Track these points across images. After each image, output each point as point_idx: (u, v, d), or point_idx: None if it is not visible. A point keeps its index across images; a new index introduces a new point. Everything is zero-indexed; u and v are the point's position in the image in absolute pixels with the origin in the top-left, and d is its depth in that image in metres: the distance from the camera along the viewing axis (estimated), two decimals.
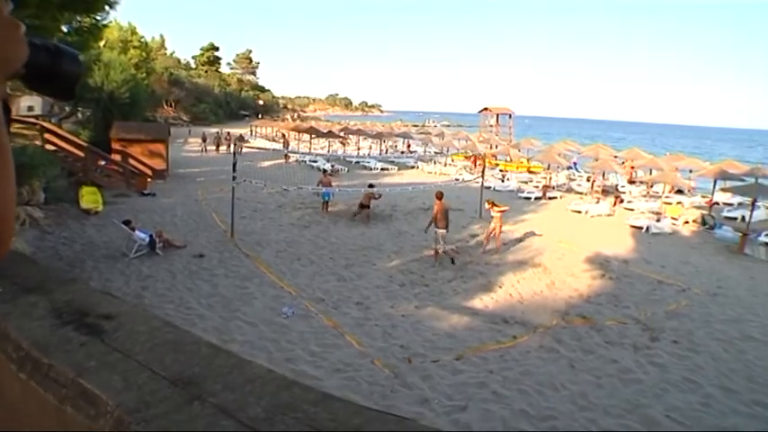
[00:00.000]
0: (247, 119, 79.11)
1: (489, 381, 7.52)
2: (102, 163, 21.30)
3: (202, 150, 38.13)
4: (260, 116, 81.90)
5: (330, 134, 42.84)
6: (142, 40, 51.83)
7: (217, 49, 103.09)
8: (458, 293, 11.33)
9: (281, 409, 1.17)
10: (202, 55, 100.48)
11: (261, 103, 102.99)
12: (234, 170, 14.47)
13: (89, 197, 16.65)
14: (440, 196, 13.61)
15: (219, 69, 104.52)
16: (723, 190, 24.55)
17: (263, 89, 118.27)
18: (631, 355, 8.77)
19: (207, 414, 1.05)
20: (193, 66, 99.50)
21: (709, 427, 6.67)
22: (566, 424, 6.54)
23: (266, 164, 31.72)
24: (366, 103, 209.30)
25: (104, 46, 32.47)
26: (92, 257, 11.89)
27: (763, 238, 18.09)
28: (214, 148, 38.51)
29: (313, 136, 42.53)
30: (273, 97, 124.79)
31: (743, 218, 20.98)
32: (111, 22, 20.50)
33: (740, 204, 24.20)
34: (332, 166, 30.18)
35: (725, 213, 23.45)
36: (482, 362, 8.14)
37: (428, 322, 9.62)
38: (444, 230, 13.23)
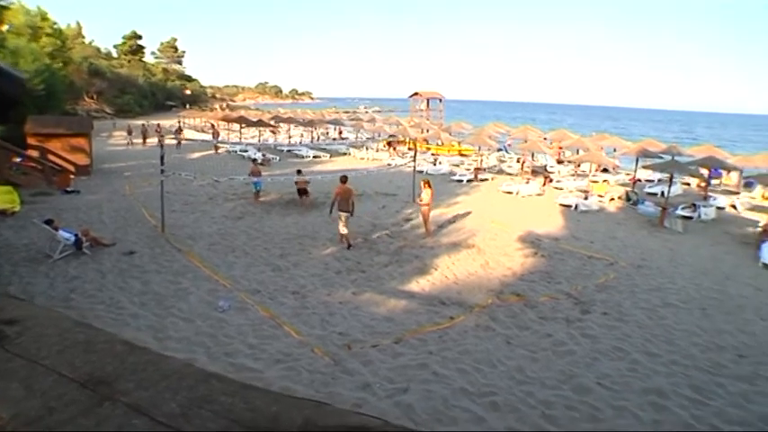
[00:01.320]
0: (175, 109, 76.75)
1: (429, 362, 7.75)
2: (18, 160, 20.27)
3: (128, 144, 37.17)
4: (188, 106, 79.30)
5: (260, 123, 42.09)
6: (55, 27, 49.23)
7: (140, 37, 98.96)
8: (394, 278, 11.54)
9: (197, 403, 1.20)
10: (124, 44, 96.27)
11: (188, 92, 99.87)
12: (162, 163, 14.00)
13: (3, 197, 15.62)
14: (343, 180, 13.81)
15: (143, 59, 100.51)
16: (644, 167, 26.18)
17: (189, 78, 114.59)
18: (564, 328, 9.30)
19: (118, 414, 1.06)
20: (115, 55, 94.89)
21: (636, 391, 7.19)
22: (505, 398, 6.85)
23: (196, 155, 31.03)
24: (296, 91, 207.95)
25: (9, 32, 30.34)
26: (9, 261, 11.19)
27: (679, 212, 19.60)
28: (141, 140, 37.26)
29: (243, 125, 41.79)
30: (201, 87, 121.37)
31: (662, 193, 22.48)
32: (12, 3, 19.16)
33: (660, 180, 25.94)
34: (263, 155, 30.01)
35: (647, 189, 25.06)
36: (421, 344, 8.37)
37: (366, 308, 9.77)
38: (346, 214, 13.45)
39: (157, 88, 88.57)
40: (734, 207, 22.59)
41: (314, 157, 33.07)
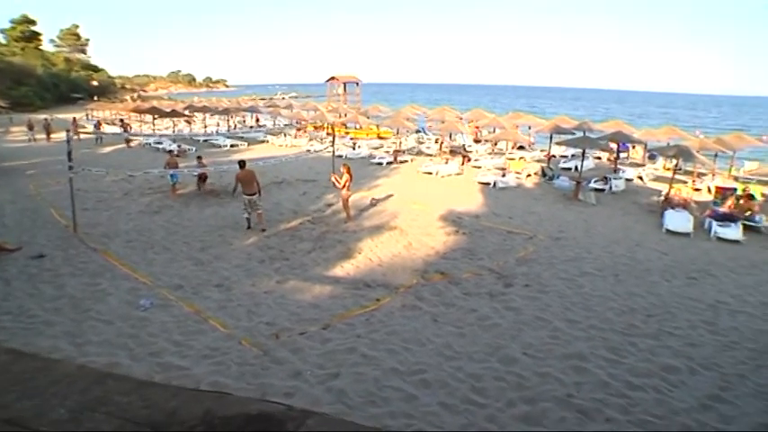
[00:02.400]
0: (81, 102, 71.67)
1: (358, 345, 7.88)
2: None
3: (30, 140, 34.65)
4: (95, 98, 74.37)
5: (174, 113, 40.45)
6: None
7: (33, 22, 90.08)
8: (318, 264, 11.57)
9: (90, 406, 1.19)
10: (14, 29, 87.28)
11: (95, 84, 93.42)
12: (70, 159, 13.14)
13: None
14: (242, 165, 14.08)
15: (41, 47, 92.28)
16: (558, 143, 27.51)
17: (96, 69, 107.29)
18: (488, 302, 9.71)
19: None
20: (4, 42, 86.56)
21: (558, 357, 7.67)
22: (435, 375, 7.09)
23: (107, 149, 29.60)
24: (210, 79, 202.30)
25: None
26: None
27: (592, 185, 20.84)
28: (45, 136, 34.79)
29: (156, 116, 40.00)
30: (109, 77, 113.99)
31: (576, 168, 23.77)
32: None
33: (573, 156, 27.39)
34: (178, 146, 29.09)
35: (561, 165, 26.45)
36: (349, 328, 8.49)
37: (292, 296, 9.77)
38: (251, 197, 13.65)
39: (60, 79, 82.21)
40: (640, 178, 24.29)
41: (231, 146, 32.40)
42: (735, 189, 18.84)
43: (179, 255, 11.98)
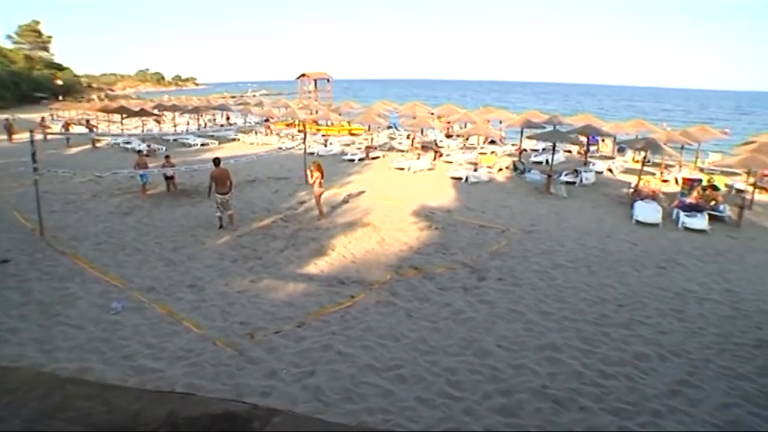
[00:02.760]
0: (45, 102, 69.30)
1: (333, 342, 7.90)
2: None
3: None
4: (60, 98, 72.22)
5: (143, 112, 39.64)
6: None
7: None
8: (292, 262, 11.54)
9: (49, 412, 1.16)
10: None
11: (59, 83, 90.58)
12: (34, 160, 12.76)
13: None
14: (216, 163, 13.91)
15: None
16: (528, 138, 27.83)
17: (60, 67, 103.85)
18: (462, 296, 9.81)
19: None
20: None
21: (532, 349, 7.79)
22: (410, 370, 7.15)
23: (74, 150, 28.86)
24: (180, 77, 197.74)
25: None
26: None
27: (563, 178, 21.17)
28: (7, 137, 33.78)
29: (124, 116, 39.20)
30: (75, 76, 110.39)
31: (547, 161, 24.09)
32: None
33: (544, 150, 27.77)
34: (148, 146, 28.63)
35: (532, 159, 26.78)
36: (324, 325, 8.50)
37: (265, 294, 9.74)
38: (223, 196, 13.55)
39: (21, 78, 79.31)
40: (610, 171, 24.73)
41: (202, 144, 31.94)
42: (700, 180, 19.29)
43: (151, 256, 11.81)
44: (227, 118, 47.99)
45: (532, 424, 6.03)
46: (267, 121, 36.94)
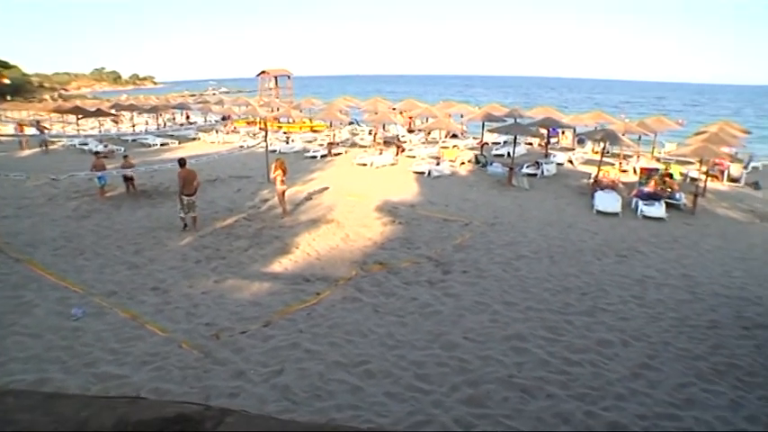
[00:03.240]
0: None
1: (300, 340, 7.89)
2: None
3: None
4: (8, 98, 69.28)
5: (100, 112, 38.38)
6: None
7: None
8: (256, 261, 11.45)
9: None
10: None
11: (6, 82, 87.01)
12: None
13: None
14: (182, 163, 13.65)
15: None
16: (490, 131, 28.13)
17: (6, 65, 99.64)
18: (428, 290, 9.91)
19: None
20: None
21: (498, 339, 7.92)
22: (378, 365, 7.20)
23: (26, 153, 27.80)
24: (137, 76, 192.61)
25: None
26: None
27: (525, 170, 21.52)
28: None
29: (80, 116, 37.88)
30: (24, 75, 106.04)
31: (508, 154, 24.42)
32: None
33: (505, 143, 28.13)
34: (104, 146, 27.84)
35: (494, 152, 27.12)
36: (290, 323, 8.47)
37: (230, 295, 9.66)
38: (190, 197, 13.37)
39: None
40: (571, 162, 25.25)
41: (162, 144, 31.24)
42: (657, 169, 19.87)
43: (112, 260, 11.53)
44: (187, 117, 47.10)
45: (501, 413, 6.14)
46: (225, 119, 36.41)
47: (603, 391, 6.61)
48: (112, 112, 42.03)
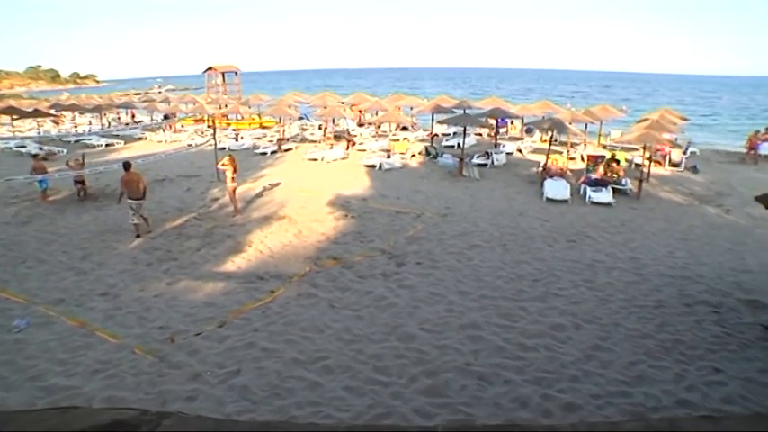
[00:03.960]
0: None
1: (256, 339, 7.83)
2: None
3: None
4: None
5: (38, 113, 36.55)
6: None
7: None
8: (208, 261, 11.29)
9: None
10: None
11: None
12: None
13: None
14: (127, 167, 12.96)
15: None
16: (439, 122, 28.44)
17: None
18: (383, 283, 9.97)
19: None
20: None
21: (455, 329, 8.05)
22: (336, 360, 7.21)
23: None
24: (78, 74, 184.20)
25: None
26: None
27: (475, 161, 21.86)
28: None
29: (15, 117, 35.99)
30: None
31: (458, 145, 24.71)
32: None
33: (455, 134, 28.48)
34: (40, 148, 26.66)
35: (444, 143, 27.46)
36: (246, 323, 8.39)
37: (184, 296, 9.50)
38: (136, 202, 12.80)
39: None
40: (520, 151, 25.83)
41: (107, 145, 30.11)
42: (604, 156, 20.50)
43: (57, 266, 11.10)
44: (133, 116, 45.71)
45: (459, 401, 6.25)
46: (167, 118, 35.44)
47: (558, 374, 6.81)
48: (52, 112, 40.34)
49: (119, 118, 45.62)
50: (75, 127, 39.80)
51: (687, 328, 8.21)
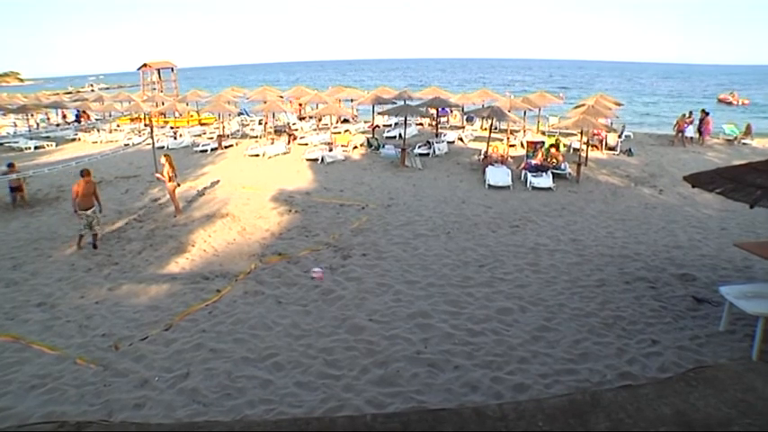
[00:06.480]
0: None
1: (204, 340, 7.69)
2: None
3: None
4: None
5: None
6: None
7: None
8: (151, 263, 10.99)
9: None
10: None
11: None
12: None
13: None
14: (84, 174, 11.98)
15: None
16: (380, 114, 28.49)
17: None
18: (329, 276, 9.97)
19: None
20: None
21: (403, 318, 8.12)
22: (286, 356, 7.16)
23: None
24: None
25: None
26: None
27: (417, 151, 22.06)
28: None
29: None
30: None
31: (400, 135, 24.88)
32: None
33: (396, 124, 28.63)
34: None
35: (386, 134, 27.59)
36: (192, 324, 8.23)
37: (127, 301, 9.23)
38: (87, 212, 11.90)
39: None
40: (461, 140, 26.21)
41: (36, 147, 28.53)
42: (543, 142, 21.05)
43: None
44: (64, 116, 43.60)
45: (411, 390, 6.31)
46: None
47: (507, 357, 6.97)
48: None
49: (49, 118, 43.55)
50: None
51: (627, 305, 8.56)
